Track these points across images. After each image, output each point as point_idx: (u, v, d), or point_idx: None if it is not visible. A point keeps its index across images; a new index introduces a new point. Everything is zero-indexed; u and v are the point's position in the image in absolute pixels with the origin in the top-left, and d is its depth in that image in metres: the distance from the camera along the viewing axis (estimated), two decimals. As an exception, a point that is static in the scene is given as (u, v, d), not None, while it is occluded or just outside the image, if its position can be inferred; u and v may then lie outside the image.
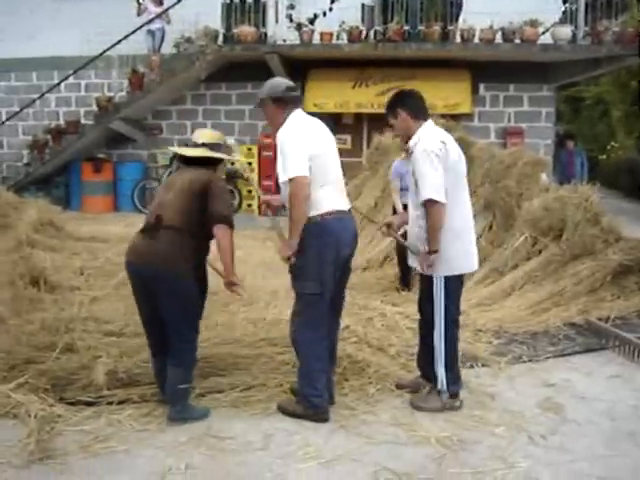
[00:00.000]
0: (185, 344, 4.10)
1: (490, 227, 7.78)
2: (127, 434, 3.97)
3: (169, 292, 3.97)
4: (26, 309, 5.70)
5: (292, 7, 13.47)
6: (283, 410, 4.31)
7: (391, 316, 6.24)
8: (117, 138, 15.31)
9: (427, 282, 4.45)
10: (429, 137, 4.31)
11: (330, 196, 4.12)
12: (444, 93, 13.87)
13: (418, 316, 4.76)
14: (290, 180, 3.95)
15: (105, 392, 4.32)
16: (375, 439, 3.99)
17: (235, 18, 13.85)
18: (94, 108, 14.74)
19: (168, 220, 4.00)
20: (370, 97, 14.21)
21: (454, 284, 4.43)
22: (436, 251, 4.25)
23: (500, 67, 13.88)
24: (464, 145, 8.57)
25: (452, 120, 10.62)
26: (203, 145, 4.34)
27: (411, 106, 4.40)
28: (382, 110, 4.26)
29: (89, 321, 5.45)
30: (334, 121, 14.69)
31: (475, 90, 14.43)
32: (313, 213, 4.03)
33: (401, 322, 5.99)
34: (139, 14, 14.04)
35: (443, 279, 4.35)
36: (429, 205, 4.21)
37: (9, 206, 10.47)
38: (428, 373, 4.57)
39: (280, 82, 4.36)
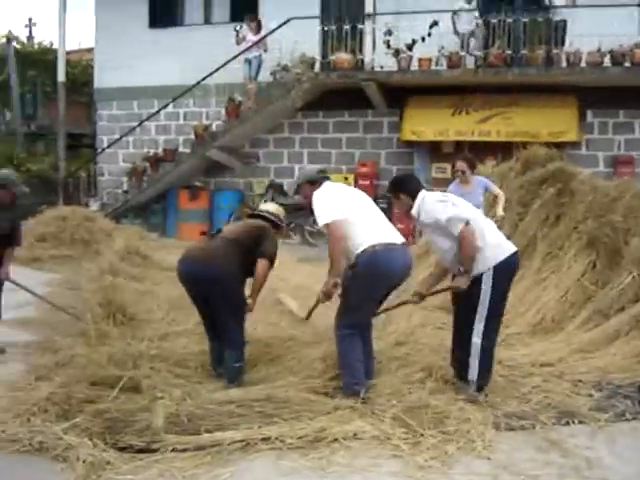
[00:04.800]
0: (234, 332, 5.01)
1: (594, 266, 7.18)
2: (178, 487, 3.69)
3: (218, 291, 4.88)
4: (95, 342, 5.57)
5: (390, 33, 13.19)
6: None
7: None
8: (215, 166, 15.38)
9: (473, 287, 4.84)
10: (428, 202, 5.00)
11: (375, 233, 4.78)
12: (549, 120, 13.28)
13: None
14: (326, 226, 4.68)
15: (161, 438, 4.07)
16: (449, 507, 3.56)
17: (332, 45, 13.73)
18: (192, 136, 14.93)
19: (226, 233, 5.17)
20: (471, 125, 13.74)
21: (500, 276, 4.87)
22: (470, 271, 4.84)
23: (609, 92, 13.10)
24: (565, 177, 8.12)
25: (556, 149, 10.06)
26: (266, 212, 5.55)
27: (409, 189, 5.14)
28: (484, 138, 4.21)
29: (157, 358, 5.26)
30: (433, 150, 14.42)
31: (582, 117, 13.70)
32: (364, 247, 4.68)
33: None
34: (238, 43, 14.06)
35: (492, 270, 4.83)
36: (462, 235, 4.76)
37: (103, 232, 10.72)
38: (459, 371, 5.08)
39: (312, 170, 5.64)
